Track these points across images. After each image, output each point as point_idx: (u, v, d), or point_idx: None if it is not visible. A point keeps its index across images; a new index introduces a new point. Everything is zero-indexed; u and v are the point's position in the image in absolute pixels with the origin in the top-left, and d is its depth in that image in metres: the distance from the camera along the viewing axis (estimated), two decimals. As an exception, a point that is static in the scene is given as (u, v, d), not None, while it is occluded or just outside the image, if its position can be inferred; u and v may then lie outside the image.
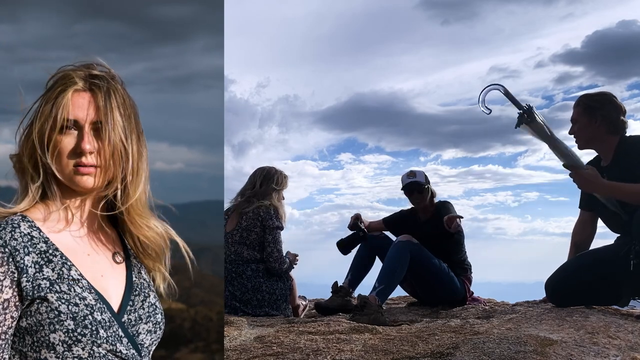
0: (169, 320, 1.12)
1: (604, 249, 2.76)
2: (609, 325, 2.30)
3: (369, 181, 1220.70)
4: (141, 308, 1.08)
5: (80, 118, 1.02)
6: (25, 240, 0.97)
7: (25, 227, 0.99)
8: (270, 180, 3.37)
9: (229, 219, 3.37)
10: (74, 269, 1.00)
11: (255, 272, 3.20)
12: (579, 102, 2.85)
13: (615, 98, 2.81)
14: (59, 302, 0.95)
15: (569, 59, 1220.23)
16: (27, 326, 0.95)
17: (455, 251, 3.43)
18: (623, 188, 2.53)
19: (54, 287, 0.96)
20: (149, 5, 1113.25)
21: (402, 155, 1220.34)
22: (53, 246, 1.00)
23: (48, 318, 0.94)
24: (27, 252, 0.96)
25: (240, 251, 3.24)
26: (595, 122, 2.75)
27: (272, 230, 3.24)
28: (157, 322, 1.10)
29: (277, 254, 3.23)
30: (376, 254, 3.53)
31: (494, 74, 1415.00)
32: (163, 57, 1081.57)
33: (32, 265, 0.96)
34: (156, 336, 1.09)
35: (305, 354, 1.99)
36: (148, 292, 1.12)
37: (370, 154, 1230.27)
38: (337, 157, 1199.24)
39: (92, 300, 0.99)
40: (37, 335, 0.94)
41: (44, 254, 0.98)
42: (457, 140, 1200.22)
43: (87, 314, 0.97)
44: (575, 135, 2.85)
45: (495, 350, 1.93)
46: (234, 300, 3.16)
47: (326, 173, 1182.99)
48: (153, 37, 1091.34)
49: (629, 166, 2.59)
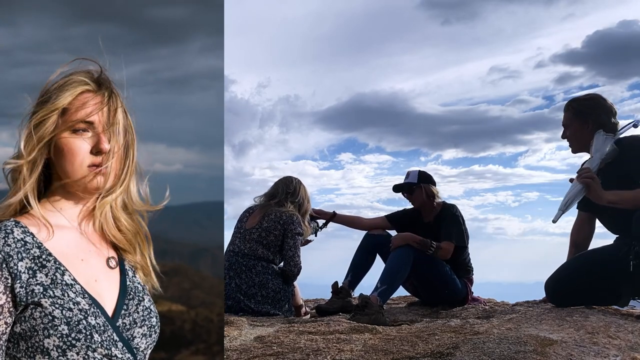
0: (170, 322, 1.12)
1: (603, 249, 2.76)
2: (609, 325, 2.30)
3: (369, 181, 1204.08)
4: (135, 312, 1.08)
5: (94, 119, 1.05)
6: (18, 246, 0.97)
7: (19, 232, 0.99)
8: (305, 199, 3.45)
9: (251, 216, 3.39)
10: (68, 273, 1.00)
11: (265, 269, 3.23)
12: (568, 107, 2.85)
13: (605, 100, 2.79)
14: (52, 307, 0.95)
15: (569, 59, 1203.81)
16: (22, 332, 0.95)
17: (459, 254, 3.42)
18: (625, 196, 2.52)
19: (47, 292, 0.96)
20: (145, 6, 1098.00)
21: (402, 155, 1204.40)
22: (46, 251, 1.00)
23: (42, 323, 0.94)
24: (20, 257, 0.96)
25: (255, 249, 3.27)
26: (588, 126, 2.75)
27: (294, 236, 3.28)
28: (152, 325, 1.10)
29: (297, 259, 3.27)
30: (377, 252, 3.52)
31: (494, 74, 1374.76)
32: (160, 59, 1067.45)
33: (25, 271, 0.96)
34: (151, 340, 1.09)
35: (305, 354, 1.99)
36: (142, 295, 1.12)
37: (371, 154, 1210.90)
38: (338, 157, 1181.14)
39: (85, 305, 0.99)
40: (31, 341, 0.94)
41: (37, 259, 0.98)
42: (458, 140, 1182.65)
43: (81, 319, 0.97)
44: (569, 140, 2.86)
45: (495, 350, 1.93)
46: (239, 293, 3.17)
47: (326, 173, 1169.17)
48: (150, 39, 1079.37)
49: (624, 167, 2.59)
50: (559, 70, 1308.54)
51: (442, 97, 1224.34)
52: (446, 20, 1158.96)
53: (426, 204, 3.56)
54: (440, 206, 3.56)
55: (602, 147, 2.66)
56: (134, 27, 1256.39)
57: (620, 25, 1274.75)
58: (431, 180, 3.59)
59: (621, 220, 2.60)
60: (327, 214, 3.79)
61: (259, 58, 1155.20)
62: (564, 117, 2.87)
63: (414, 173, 3.60)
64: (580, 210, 2.99)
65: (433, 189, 3.56)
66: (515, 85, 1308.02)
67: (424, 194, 3.54)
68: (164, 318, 1.15)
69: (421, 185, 3.54)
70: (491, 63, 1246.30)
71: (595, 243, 2.96)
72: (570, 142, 2.86)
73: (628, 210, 2.52)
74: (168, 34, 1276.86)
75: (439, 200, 3.58)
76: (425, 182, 3.56)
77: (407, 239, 3.26)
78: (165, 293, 1.19)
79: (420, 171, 3.62)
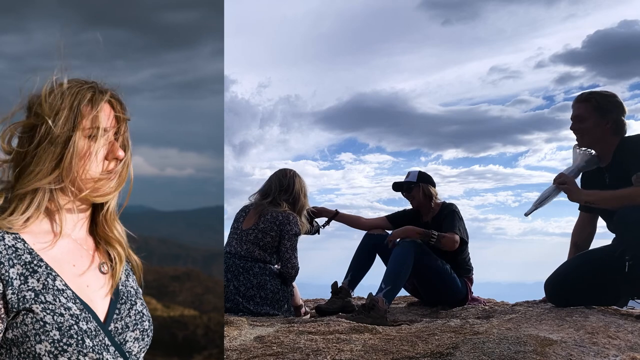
0: (183, 327, 1.13)
1: (602, 249, 2.76)
2: (608, 325, 2.30)
3: (369, 181, 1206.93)
4: (127, 316, 1.08)
5: (110, 126, 1.07)
6: (9, 253, 0.97)
7: (10, 239, 0.98)
8: (291, 192, 3.38)
9: (247, 217, 3.37)
10: (59, 279, 1.00)
11: (262, 270, 3.22)
12: (588, 99, 2.75)
13: (621, 99, 2.80)
14: (44, 312, 0.95)
15: (570, 59, 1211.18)
16: (14, 337, 0.95)
17: (459, 253, 3.42)
18: (603, 195, 2.60)
19: (39, 298, 0.96)
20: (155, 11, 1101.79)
21: (403, 155, 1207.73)
22: (38, 257, 1.00)
23: (34, 329, 0.94)
24: (11, 264, 0.96)
25: (252, 250, 3.26)
26: (607, 123, 2.70)
27: (291, 237, 3.26)
28: (145, 329, 1.11)
29: (294, 260, 3.25)
30: (377, 252, 3.53)
31: (494, 74, 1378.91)
32: (171, 63, 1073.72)
33: (17, 277, 0.96)
34: (144, 343, 1.10)
35: (305, 354, 1.99)
36: (135, 299, 1.13)
37: (371, 154, 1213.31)
38: (338, 157, 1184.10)
39: (77, 310, 0.99)
40: (23, 347, 0.94)
41: (28, 265, 0.98)
42: (458, 140, 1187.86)
43: (73, 324, 0.97)
44: (581, 133, 2.77)
45: (495, 350, 1.94)
46: (237, 296, 3.17)
47: (327, 173, 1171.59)
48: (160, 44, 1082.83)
49: (627, 167, 2.59)
50: (559, 71, 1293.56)
51: (442, 97, 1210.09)
52: (447, 20, 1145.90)
53: (424, 203, 3.56)
54: (439, 206, 3.57)
55: (580, 160, 2.77)
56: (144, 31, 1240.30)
57: (621, 25, 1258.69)
58: (430, 180, 3.60)
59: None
60: (329, 212, 3.79)
61: (259, 58, 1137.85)
62: (580, 108, 2.76)
63: (414, 173, 3.61)
64: (582, 210, 2.99)
65: (431, 189, 3.57)
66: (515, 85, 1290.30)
67: (421, 194, 3.55)
68: (176, 323, 1.16)
69: (420, 184, 3.55)
70: (491, 63, 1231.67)
71: (596, 243, 2.98)
72: (582, 135, 2.76)
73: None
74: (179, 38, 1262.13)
75: (438, 201, 3.59)
76: (424, 182, 3.57)
77: (407, 232, 3.28)
78: (177, 298, 1.20)
79: (420, 171, 3.63)
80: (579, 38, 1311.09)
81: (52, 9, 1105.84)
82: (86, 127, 1.04)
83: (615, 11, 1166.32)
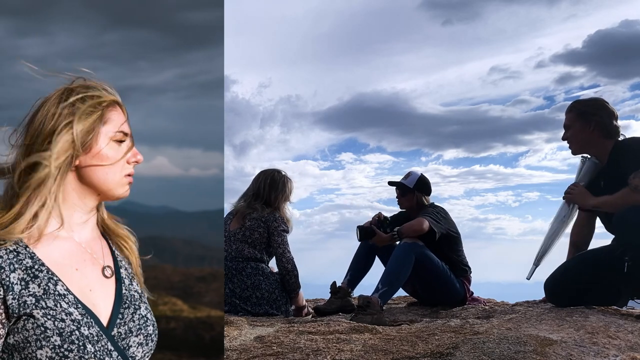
0: (209, 328, 1.12)
1: (602, 249, 2.76)
2: (608, 325, 2.30)
3: (370, 181, 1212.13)
4: (131, 321, 1.07)
5: (128, 130, 1.09)
6: (10, 257, 0.97)
7: (11, 243, 0.98)
8: (276, 189, 3.36)
9: (232, 222, 3.38)
10: (61, 284, 1.00)
11: (255, 270, 3.21)
12: (571, 108, 2.87)
13: (608, 104, 2.84)
14: (44, 318, 0.95)
15: (570, 59, 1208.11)
16: (15, 343, 0.95)
17: (452, 252, 3.42)
18: (605, 200, 2.65)
19: (39, 303, 0.96)
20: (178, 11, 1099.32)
21: (403, 155, 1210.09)
22: (39, 261, 0.99)
23: (35, 334, 0.94)
24: (12, 269, 0.96)
25: (241, 249, 3.26)
26: (590, 127, 2.77)
27: (280, 233, 3.26)
28: (149, 334, 1.09)
29: (288, 254, 3.25)
30: (375, 253, 3.52)
31: (495, 74, 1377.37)
32: (194, 63, 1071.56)
33: (18, 282, 0.96)
34: (148, 348, 1.09)
35: (305, 354, 1.99)
36: (139, 304, 1.11)
37: (372, 154, 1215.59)
38: (338, 157, 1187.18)
39: (78, 315, 0.98)
40: (24, 352, 0.94)
41: (30, 270, 0.98)
42: (459, 140, 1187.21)
43: (74, 330, 0.96)
44: (569, 141, 2.87)
45: (495, 350, 1.94)
46: (234, 298, 3.17)
47: (327, 173, 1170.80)
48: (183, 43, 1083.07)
49: (623, 169, 2.60)
50: (559, 71, 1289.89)
51: (443, 97, 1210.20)
52: (447, 20, 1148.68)
53: (414, 210, 3.54)
54: (426, 207, 3.52)
55: (585, 168, 2.85)
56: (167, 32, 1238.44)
57: (622, 24, 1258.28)
58: (427, 189, 3.56)
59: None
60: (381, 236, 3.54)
61: (260, 58, 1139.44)
62: (566, 118, 2.88)
63: (414, 176, 3.55)
64: (581, 210, 2.99)
65: (425, 199, 3.55)
66: (516, 86, 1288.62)
67: (414, 201, 3.54)
68: (203, 324, 1.16)
69: (414, 191, 3.53)
70: (492, 63, 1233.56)
71: (595, 243, 2.97)
72: (571, 143, 2.87)
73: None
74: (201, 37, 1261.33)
75: (427, 203, 3.55)
76: (420, 191, 3.54)
77: (375, 242, 3.37)
78: (203, 299, 1.20)
79: (421, 176, 3.57)
80: (579, 38, 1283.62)
81: (76, 11, 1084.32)
82: (108, 131, 1.06)
83: (616, 11, 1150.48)
